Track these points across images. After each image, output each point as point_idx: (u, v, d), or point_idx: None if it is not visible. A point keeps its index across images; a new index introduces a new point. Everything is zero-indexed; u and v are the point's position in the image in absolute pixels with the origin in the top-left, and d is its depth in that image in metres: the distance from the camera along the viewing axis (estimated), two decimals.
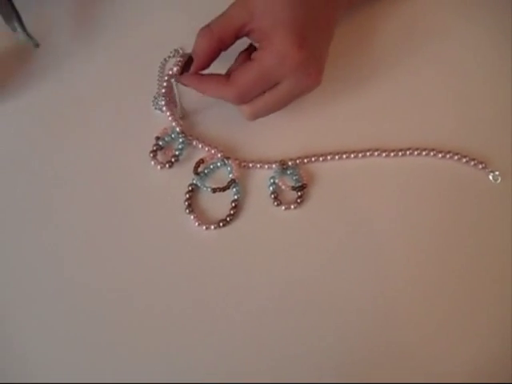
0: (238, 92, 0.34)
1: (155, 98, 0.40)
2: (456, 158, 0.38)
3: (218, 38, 0.34)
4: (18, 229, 0.37)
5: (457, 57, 0.41)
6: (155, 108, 0.40)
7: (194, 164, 0.38)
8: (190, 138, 0.39)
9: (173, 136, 0.39)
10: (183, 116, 0.40)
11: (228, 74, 0.34)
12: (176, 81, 0.36)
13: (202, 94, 0.36)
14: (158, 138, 0.39)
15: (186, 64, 0.36)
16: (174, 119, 0.39)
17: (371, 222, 0.37)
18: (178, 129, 0.38)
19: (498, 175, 0.37)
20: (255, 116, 0.36)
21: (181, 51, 0.42)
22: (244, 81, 0.33)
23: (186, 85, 0.36)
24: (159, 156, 0.38)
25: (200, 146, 0.38)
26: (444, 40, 0.42)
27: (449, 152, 0.38)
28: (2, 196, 0.38)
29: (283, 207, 0.37)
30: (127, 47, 0.43)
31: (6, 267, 0.36)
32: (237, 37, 0.34)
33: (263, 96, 0.34)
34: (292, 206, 0.37)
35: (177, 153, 0.38)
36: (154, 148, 0.38)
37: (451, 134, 0.39)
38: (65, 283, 0.36)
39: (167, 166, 0.38)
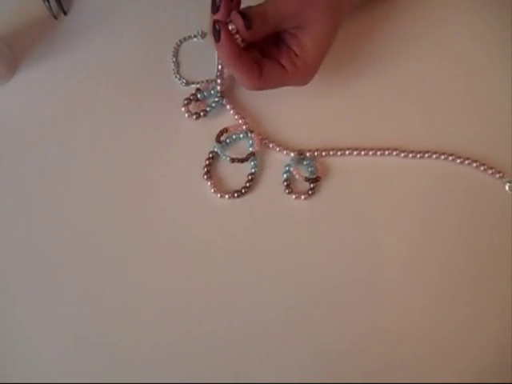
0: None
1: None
2: (474, 164, 0.37)
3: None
4: (47, 193, 0.38)
5: (486, 64, 0.40)
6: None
7: (218, 124, 0.38)
8: (225, 101, 0.39)
9: (212, 92, 0.40)
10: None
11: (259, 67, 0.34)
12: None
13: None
14: (198, 90, 0.40)
15: None
16: (221, 77, 0.39)
17: (379, 221, 0.37)
18: (218, 88, 0.39)
19: None
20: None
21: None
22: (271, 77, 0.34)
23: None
24: (191, 106, 0.39)
25: (231, 111, 0.39)
26: (477, 45, 0.41)
27: (468, 158, 0.38)
28: (24, 163, 0.39)
29: (294, 196, 0.37)
30: (151, 19, 0.43)
31: (24, 245, 0.37)
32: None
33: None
34: (302, 197, 0.37)
35: (208, 109, 0.39)
36: (191, 97, 0.39)
37: (472, 141, 0.38)
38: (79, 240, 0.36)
39: (194, 117, 0.39)
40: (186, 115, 0.39)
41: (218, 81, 0.39)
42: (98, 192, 0.38)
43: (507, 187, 0.37)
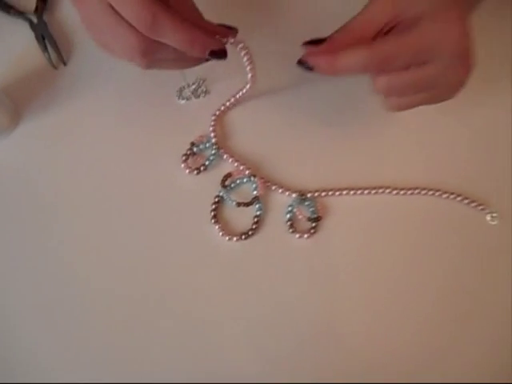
0: (380, 54, 0.30)
1: (181, 89, 0.43)
2: (458, 198, 0.41)
3: (359, 40, 0.31)
4: (50, 241, 0.39)
5: (464, 105, 0.44)
6: (179, 98, 0.42)
7: (219, 174, 0.40)
8: (222, 151, 0.41)
9: (207, 145, 0.41)
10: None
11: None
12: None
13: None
14: (192, 144, 0.41)
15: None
16: (213, 130, 0.41)
17: (377, 255, 0.40)
18: (213, 140, 0.41)
19: (496, 217, 0.41)
20: (389, 92, 0.32)
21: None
22: (393, 44, 0.30)
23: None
24: (190, 161, 0.41)
25: (230, 160, 0.41)
26: None
27: (452, 193, 0.41)
28: (27, 213, 0.40)
29: (297, 235, 0.40)
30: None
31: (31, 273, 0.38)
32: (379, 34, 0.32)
33: (405, 72, 0.30)
34: (305, 236, 0.40)
35: (206, 162, 0.41)
36: (188, 152, 0.41)
37: (457, 176, 0.42)
38: (81, 287, 0.38)
39: (195, 172, 0.40)
40: (187, 171, 0.40)
41: (212, 134, 0.41)
42: (108, 239, 0.39)
43: (489, 218, 0.41)
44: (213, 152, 0.41)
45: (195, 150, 0.41)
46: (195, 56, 0.32)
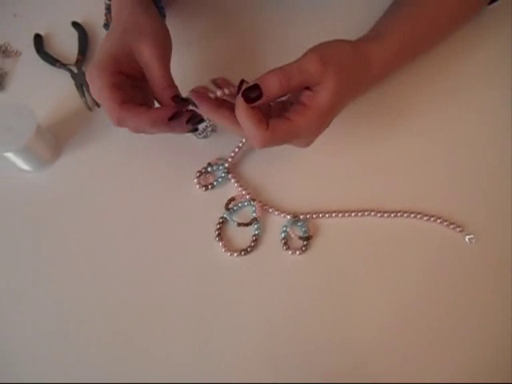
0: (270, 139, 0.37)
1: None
2: (438, 221, 0.45)
3: (289, 88, 0.36)
4: (85, 261, 0.46)
5: (445, 134, 0.49)
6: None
7: (223, 194, 0.47)
8: (230, 175, 0.47)
9: (220, 167, 0.48)
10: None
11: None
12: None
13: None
14: (209, 164, 0.48)
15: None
16: (231, 156, 0.48)
17: (361, 272, 0.45)
18: (226, 164, 0.47)
19: (473, 238, 0.45)
20: None
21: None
22: (281, 131, 0.37)
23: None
24: (202, 178, 0.48)
25: (235, 184, 0.47)
26: (435, 115, 0.50)
27: (433, 216, 0.46)
28: (68, 235, 0.47)
29: (290, 252, 0.45)
30: None
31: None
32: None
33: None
34: (297, 252, 0.45)
35: (215, 183, 0.47)
36: (202, 170, 0.48)
37: (436, 200, 0.47)
38: (94, 295, 0.44)
39: (203, 188, 0.47)
40: (197, 186, 0.47)
41: (230, 160, 0.47)
42: (129, 251, 0.46)
43: (467, 239, 0.45)
44: (222, 175, 0.47)
45: (209, 169, 0.48)
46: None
